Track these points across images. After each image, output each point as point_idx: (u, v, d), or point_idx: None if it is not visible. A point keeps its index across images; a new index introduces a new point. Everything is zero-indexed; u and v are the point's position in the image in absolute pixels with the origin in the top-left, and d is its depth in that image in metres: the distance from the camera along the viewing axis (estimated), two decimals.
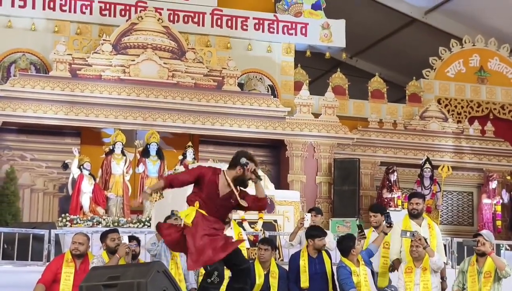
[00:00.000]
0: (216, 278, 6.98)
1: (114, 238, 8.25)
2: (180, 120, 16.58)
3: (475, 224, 18.74)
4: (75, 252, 8.13)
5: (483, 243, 8.49)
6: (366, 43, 23.24)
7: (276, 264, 8.94)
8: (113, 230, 8.51)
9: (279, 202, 11.31)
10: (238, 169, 7.00)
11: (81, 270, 7.98)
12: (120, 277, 6.51)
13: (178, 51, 17.32)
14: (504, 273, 8.43)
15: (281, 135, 17.37)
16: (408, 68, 21.49)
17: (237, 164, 6.98)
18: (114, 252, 8.16)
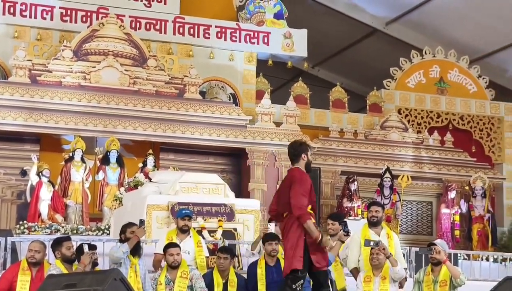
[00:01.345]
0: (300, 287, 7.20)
1: (70, 246, 8.16)
2: (141, 128, 16.50)
3: (434, 233, 18.88)
4: (31, 260, 8.03)
5: (438, 251, 8.58)
6: (328, 53, 23.36)
7: (235, 273, 8.94)
8: (66, 238, 8.42)
9: (239, 210, 11.27)
10: (303, 157, 7.39)
11: (37, 279, 7.89)
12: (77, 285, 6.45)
13: (140, 59, 17.25)
14: (459, 281, 8.51)
15: (243, 144, 17.35)
16: (369, 78, 21.64)
17: (300, 153, 7.46)
18: (70, 260, 8.08)
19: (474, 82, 21.08)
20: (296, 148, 7.50)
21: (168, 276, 8.61)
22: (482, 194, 18.27)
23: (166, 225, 10.65)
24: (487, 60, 21.83)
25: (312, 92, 19.71)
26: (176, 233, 9.39)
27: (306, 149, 7.47)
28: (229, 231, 10.94)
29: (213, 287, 8.71)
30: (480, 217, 18.10)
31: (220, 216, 10.98)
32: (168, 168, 15.74)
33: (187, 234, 9.39)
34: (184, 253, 8.91)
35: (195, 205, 10.84)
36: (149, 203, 10.92)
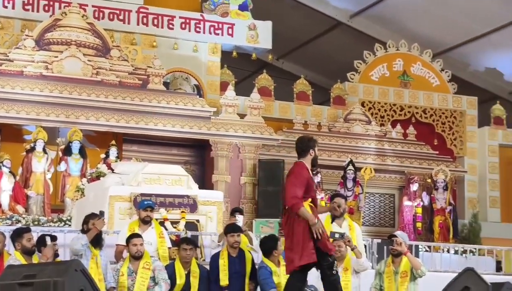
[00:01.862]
0: (337, 267, 7.48)
1: (30, 238, 8.09)
2: (104, 119, 16.37)
3: (396, 225, 19.01)
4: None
5: (399, 243, 8.64)
6: (292, 45, 23.39)
7: (197, 264, 8.93)
8: (27, 229, 8.33)
9: (202, 202, 11.25)
10: (311, 152, 7.51)
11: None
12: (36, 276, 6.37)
13: (103, 49, 17.12)
14: (420, 272, 8.59)
15: (206, 135, 17.31)
16: (333, 71, 21.72)
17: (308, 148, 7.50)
18: (31, 252, 8.00)
19: (437, 76, 21.24)
20: (305, 143, 7.59)
21: (130, 267, 8.56)
22: (444, 186, 18.42)
23: (128, 216, 10.58)
24: (450, 54, 22.03)
25: (276, 85, 19.73)
26: (138, 224, 9.36)
27: (314, 144, 7.59)
28: (192, 222, 10.92)
29: (175, 278, 8.69)
30: (442, 210, 18.24)
31: (183, 207, 10.94)
32: (131, 159, 15.66)
33: (149, 225, 9.36)
34: (146, 244, 8.87)
35: (157, 196, 10.79)
36: (111, 194, 10.85)
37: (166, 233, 9.72)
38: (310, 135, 7.86)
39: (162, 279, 8.50)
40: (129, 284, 8.48)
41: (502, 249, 13.98)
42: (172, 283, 8.62)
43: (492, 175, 21.02)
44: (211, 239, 10.47)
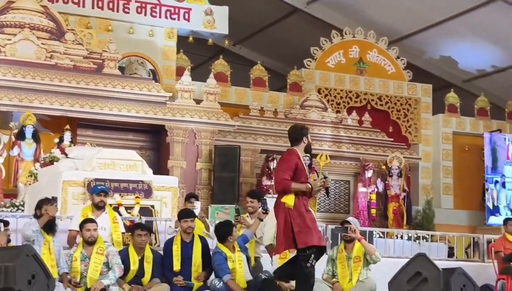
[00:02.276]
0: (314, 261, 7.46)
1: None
2: (58, 103, 16.19)
3: (351, 211, 19.15)
4: None
5: (353, 230, 8.71)
6: (249, 31, 23.36)
7: (150, 249, 8.90)
8: None
9: (157, 187, 11.20)
10: (304, 140, 7.65)
11: None
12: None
13: (57, 32, 16.91)
14: (374, 257, 8.68)
15: (162, 121, 17.22)
16: (290, 57, 21.74)
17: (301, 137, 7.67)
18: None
19: (393, 63, 21.39)
20: (298, 131, 7.76)
21: (83, 252, 8.51)
22: (398, 173, 18.59)
23: (82, 201, 10.51)
24: (405, 42, 22.18)
25: (233, 70, 19.69)
26: (91, 209, 9.31)
27: (306, 132, 7.75)
28: (146, 207, 10.87)
29: (129, 263, 8.65)
30: (396, 196, 18.42)
31: (138, 193, 10.89)
32: (85, 144, 15.52)
33: (103, 211, 9.31)
34: (100, 230, 8.82)
35: (112, 181, 10.72)
36: (65, 179, 10.76)
37: (120, 218, 9.67)
38: (302, 124, 8.02)
39: (116, 264, 8.46)
40: (82, 269, 8.43)
41: (455, 235, 14.14)
42: (125, 269, 8.59)
43: (446, 162, 21.28)
44: (167, 225, 10.42)
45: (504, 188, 20.42)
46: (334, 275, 8.88)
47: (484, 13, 20.01)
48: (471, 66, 23.02)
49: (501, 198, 20.36)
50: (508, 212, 20.14)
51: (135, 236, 8.80)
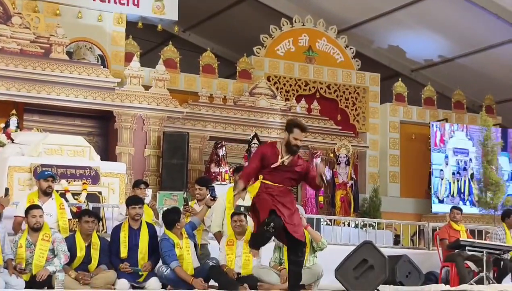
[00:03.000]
0: (271, 228, 7.45)
1: None
2: (4, 87, 15.95)
3: (299, 199, 19.23)
4: None
5: None
6: (199, 17, 23.25)
7: (97, 236, 8.85)
8: None
9: (104, 173, 11.16)
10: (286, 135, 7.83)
11: None
12: None
13: (4, 16, 16.64)
14: (320, 244, 8.77)
15: (110, 107, 17.08)
16: (240, 44, 21.71)
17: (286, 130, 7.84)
18: None
19: (342, 52, 21.51)
20: (286, 125, 8.07)
21: (29, 238, 8.44)
22: (346, 161, 18.77)
23: (28, 187, 10.41)
24: (354, 31, 22.31)
25: (182, 57, 19.60)
26: (38, 195, 9.21)
27: (291, 129, 7.90)
28: (93, 194, 10.82)
29: (75, 250, 8.59)
30: (344, 184, 18.60)
31: (85, 179, 10.84)
32: (32, 129, 15.33)
33: (49, 197, 9.22)
34: (46, 216, 8.75)
35: (59, 167, 10.65)
36: (11, 164, 10.65)
37: (67, 204, 9.59)
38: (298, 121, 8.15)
39: (62, 251, 8.41)
40: (27, 256, 8.35)
41: (401, 222, 14.33)
42: (72, 255, 8.53)
43: (393, 151, 21.52)
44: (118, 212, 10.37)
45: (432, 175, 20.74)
46: (281, 263, 8.94)
47: (431, 3, 20.22)
48: (418, 56, 23.28)
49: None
50: (435, 198, 20.48)
51: (82, 223, 8.73)
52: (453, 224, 11.97)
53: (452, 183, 20.88)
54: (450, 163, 20.96)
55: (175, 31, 21.15)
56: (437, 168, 20.77)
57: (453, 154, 21.05)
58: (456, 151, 21.09)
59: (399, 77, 22.60)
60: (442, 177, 20.78)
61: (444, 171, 20.84)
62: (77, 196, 10.54)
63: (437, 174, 20.75)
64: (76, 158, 11.25)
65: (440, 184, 20.73)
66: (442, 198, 20.61)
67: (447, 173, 20.89)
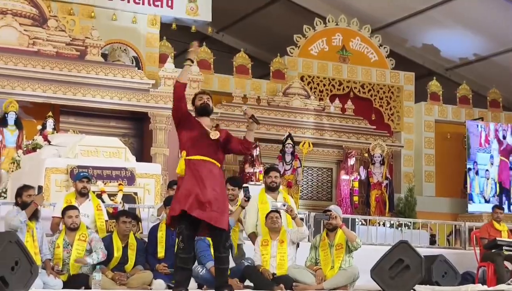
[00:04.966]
0: (181, 243, 7.01)
1: None
2: (40, 90, 16.13)
3: (333, 199, 19.21)
4: None
5: (335, 216, 8.77)
6: (233, 18, 23.30)
7: (134, 237, 8.91)
8: None
9: (140, 174, 11.20)
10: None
11: None
12: None
13: (40, 19, 16.82)
14: (355, 244, 8.74)
15: (145, 108, 17.17)
16: (273, 45, 21.71)
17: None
18: None
19: (375, 51, 21.42)
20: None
21: (66, 239, 8.53)
22: (380, 161, 18.67)
23: (65, 188, 10.49)
24: (388, 30, 22.21)
25: (216, 58, 19.66)
26: (75, 196, 9.30)
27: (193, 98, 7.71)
28: (129, 195, 10.87)
29: (112, 250, 8.67)
30: (378, 184, 18.50)
31: (121, 180, 10.88)
32: (68, 131, 15.46)
33: (86, 197, 9.30)
34: (83, 216, 8.84)
35: (95, 168, 10.71)
36: (48, 166, 10.73)
37: (104, 205, 9.67)
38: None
39: (100, 248, 8.50)
40: (64, 256, 8.45)
41: (436, 222, 14.25)
42: (109, 256, 8.61)
43: (428, 150, 21.39)
44: (150, 213, 10.43)
45: (477, 175, 20.55)
46: (317, 262, 8.94)
47: (466, 1, 20.09)
48: (453, 54, 23.11)
49: (474, 186, 20.51)
50: (481, 199, 20.32)
51: (120, 223, 8.80)
52: (495, 223, 11.87)
53: (497, 183, 20.68)
54: (495, 163, 20.78)
55: (209, 32, 21.24)
56: (482, 168, 20.57)
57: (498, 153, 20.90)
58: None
59: (434, 76, 22.44)
60: (488, 176, 20.59)
61: (489, 171, 20.65)
62: (113, 197, 10.59)
63: (483, 174, 20.54)
64: (112, 159, 11.31)
65: (486, 184, 20.54)
66: (488, 198, 20.42)
67: (493, 172, 20.70)
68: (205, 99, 7.35)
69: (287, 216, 9.04)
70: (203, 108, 7.35)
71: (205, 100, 7.34)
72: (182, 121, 7.25)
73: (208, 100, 7.36)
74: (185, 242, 7.02)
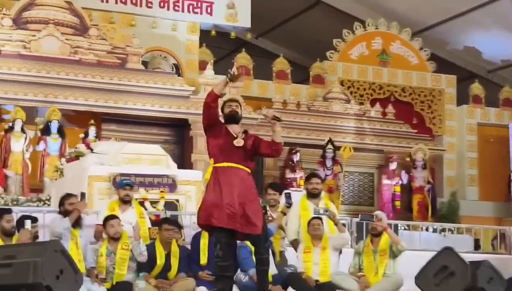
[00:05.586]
0: (220, 251, 7.04)
1: (10, 219, 8.06)
2: (82, 98, 16.26)
3: (375, 204, 19.11)
4: None
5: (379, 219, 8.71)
6: (272, 24, 23.33)
7: (177, 244, 8.93)
8: (7, 210, 8.28)
9: (181, 181, 11.21)
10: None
11: None
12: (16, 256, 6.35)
13: (81, 28, 16.99)
14: (400, 247, 8.67)
15: (185, 115, 17.21)
16: (312, 49, 21.67)
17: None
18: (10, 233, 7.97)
19: (416, 54, 21.29)
20: None
21: (109, 247, 8.57)
22: (422, 165, 18.52)
23: (107, 196, 10.54)
24: (429, 33, 22.05)
25: (255, 63, 19.70)
26: (118, 204, 9.34)
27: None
28: (171, 202, 10.90)
29: (155, 258, 8.69)
30: (421, 188, 18.36)
31: (162, 187, 10.91)
32: (110, 139, 15.58)
33: (129, 205, 9.35)
34: (126, 224, 8.87)
35: (137, 176, 10.75)
36: (91, 174, 10.80)
37: (146, 213, 9.71)
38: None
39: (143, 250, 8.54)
40: (107, 264, 8.48)
41: (481, 227, 14.08)
42: (152, 263, 8.63)
43: (471, 153, 21.18)
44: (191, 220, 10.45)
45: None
46: (360, 269, 8.88)
47: (507, 3, 19.86)
48: (495, 56, 22.86)
49: None
50: None
51: (163, 231, 8.82)
52: None
53: None
54: None
55: (248, 38, 21.27)
56: None
57: None
58: None
59: (476, 79, 22.23)
60: None
61: None
62: (155, 204, 10.63)
63: None
64: (154, 167, 11.35)
65: None
66: None
67: None
68: (233, 107, 7.34)
69: (329, 222, 9.00)
70: (232, 116, 7.34)
71: (234, 108, 7.33)
72: (210, 129, 7.25)
73: (236, 107, 7.35)
74: (223, 249, 7.03)
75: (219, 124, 7.27)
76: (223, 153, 7.23)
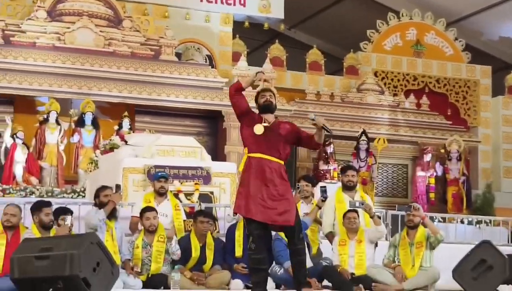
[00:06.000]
0: (252, 244, 7.03)
1: (49, 212, 8.09)
2: (116, 90, 16.33)
3: (409, 196, 19.01)
4: (6, 224, 7.96)
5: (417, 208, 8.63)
6: (305, 14, 23.24)
7: (211, 236, 8.92)
8: (47, 203, 8.31)
9: (215, 173, 11.19)
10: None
11: (12, 242, 7.81)
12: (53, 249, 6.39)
13: (115, 19, 17.05)
14: (439, 236, 8.59)
15: (219, 106, 17.23)
16: (346, 40, 21.58)
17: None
18: (48, 226, 8.02)
19: (451, 45, 21.10)
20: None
21: (145, 239, 8.58)
22: (457, 157, 18.37)
23: (142, 188, 10.56)
24: (464, 23, 21.85)
25: (288, 54, 19.64)
26: (154, 196, 9.35)
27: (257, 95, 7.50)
28: (205, 194, 10.89)
29: (190, 250, 8.69)
30: (455, 180, 18.21)
31: (197, 179, 10.90)
32: (144, 131, 15.61)
33: (165, 197, 9.35)
34: (161, 216, 8.88)
35: (171, 168, 10.74)
36: (125, 166, 10.81)
37: (181, 205, 9.71)
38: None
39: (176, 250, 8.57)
40: (143, 256, 8.49)
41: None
42: (187, 255, 8.63)
43: (506, 145, 20.96)
44: (226, 212, 10.43)
45: None
46: (395, 261, 8.81)
47: None
48: None
49: None
50: None
51: (197, 223, 8.80)
52: None
53: None
54: None
55: (281, 29, 21.25)
56: None
57: None
58: None
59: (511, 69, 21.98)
60: None
61: None
62: (189, 196, 10.62)
63: None
64: (188, 159, 11.33)
65: None
66: None
67: None
68: (267, 97, 7.31)
69: (364, 215, 8.94)
70: (266, 106, 7.30)
71: (268, 98, 7.30)
72: (244, 118, 7.24)
73: (270, 97, 7.33)
74: (256, 242, 7.01)
75: (252, 114, 7.25)
76: (256, 142, 7.21)
